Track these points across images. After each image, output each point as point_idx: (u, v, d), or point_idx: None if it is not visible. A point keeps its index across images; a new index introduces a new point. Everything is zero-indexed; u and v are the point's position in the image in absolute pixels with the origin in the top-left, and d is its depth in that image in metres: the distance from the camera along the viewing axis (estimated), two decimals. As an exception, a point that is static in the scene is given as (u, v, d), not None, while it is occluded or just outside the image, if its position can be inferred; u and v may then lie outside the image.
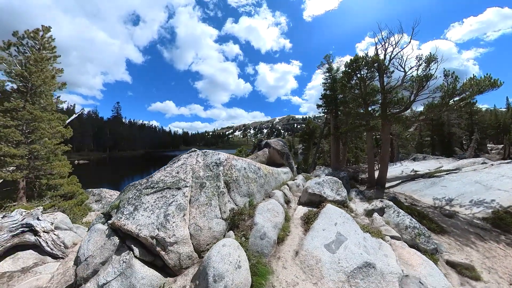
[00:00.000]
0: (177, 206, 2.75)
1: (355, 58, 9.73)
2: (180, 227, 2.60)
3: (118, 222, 2.71)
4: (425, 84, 9.50)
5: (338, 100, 18.60)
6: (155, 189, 3.03)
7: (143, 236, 2.51)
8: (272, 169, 4.83)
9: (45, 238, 4.40)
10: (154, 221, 2.61)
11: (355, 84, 10.48)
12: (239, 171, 3.81)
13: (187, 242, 2.60)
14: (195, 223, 2.73)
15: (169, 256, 2.45)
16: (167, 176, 3.31)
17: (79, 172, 34.00)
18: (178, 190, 2.99)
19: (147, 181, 3.27)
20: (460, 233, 5.94)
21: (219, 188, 3.26)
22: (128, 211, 2.83)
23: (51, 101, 7.61)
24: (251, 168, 4.15)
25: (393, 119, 8.85)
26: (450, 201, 8.50)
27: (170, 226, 2.58)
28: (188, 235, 2.65)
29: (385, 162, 10.79)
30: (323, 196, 4.37)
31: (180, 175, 3.29)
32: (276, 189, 4.59)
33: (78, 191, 8.22)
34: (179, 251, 2.52)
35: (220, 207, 3.08)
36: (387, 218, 4.07)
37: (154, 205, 2.81)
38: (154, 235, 2.50)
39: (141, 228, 2.57)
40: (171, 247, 2.49)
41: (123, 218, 2.75)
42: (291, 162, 8.59)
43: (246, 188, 3.73)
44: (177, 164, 3.61)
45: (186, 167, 3.50)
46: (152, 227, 2.57)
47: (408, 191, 10.56)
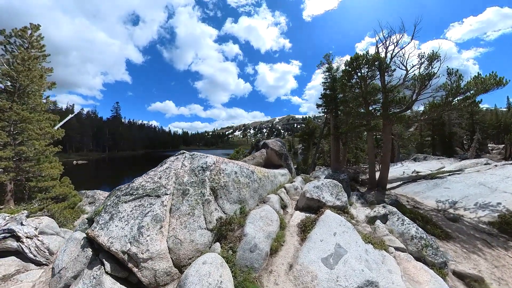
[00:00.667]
0: (153, 217, 2.46)
1: (356, 56, 9.43)
2: (155, 241, 2.31)
3: (92, 232, 2.45)
4: (428, 82, 9.20)
5: (338, 99, 18.31)
6: (134, 196, 2.75)
7: (114, 250, 2.23)
8: (268, 171, 4.54)
9: (28, 244, 4.17)
10: (127, 233, 2.32)
11: (356, 83, 10.19)
12: (228, 176, 3.51)
13: (164, 257, 2.32)
14: (175, 235, 2.44)
15: (142, 273, 2.17)
16: (149, 181, 3.03)
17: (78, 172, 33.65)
18: (157, 198, 2.71)
19: (128, 186, 2.98)
20: (466, 239, 5.65)
21: (204, 195, 2.97)
22: (103, 220, 2.55)
23: (40, 101, 7.33)
24: (244, 172, 3.85)
25: (394, 118, 8.55)
26: (454, 203, 8.21)
27: (144, 240, 2.29)
28: (166, 249, 2.36)
29: (386, 163, 10.50)
30: (321, 201, 4.09)
31: (162, 180, 3.01)
32: (272, 193, 4.29)
33: (70, 193, 7.96)
34: (154, 267, 2.24)
35: (205, 217, 2.79)
36: (391, 226, 3.78)
37: (130, 214, 2.53)
38: (125, 250, 2.23)
39: (113, 241, 2.29)
40: (145, 264, 2.21)
41: (97, 228, 2.48)
42: (290, 163, 8.31)
43: (236, 194, 3.45)
44: (162, 168, 3.34)
45: (170, 171, 3.21)
46: (124, 240, 2.29)
47: (410, 193, 10.27)
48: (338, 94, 18.38)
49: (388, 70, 9.23)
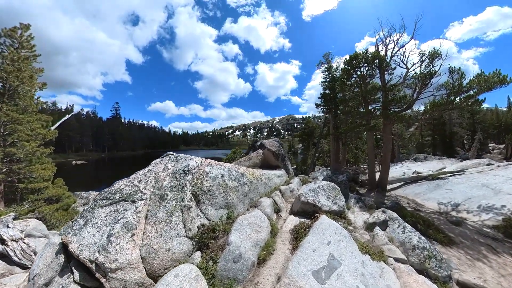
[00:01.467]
0: (124, 225, 2.25)
1: (355, 54, 9.19)
2: (125, 250, 2.11)
3: (65, 238, 2.26)
4: (429, 81, 8.96)
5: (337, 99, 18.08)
6: (111, 200, 2.55)
7: (83, 258, 2.04)
8: (261, 173, 4.29)
9: (13, 247, 4.03)
10: (97, 241, 2.12)
11: (355, 82, 9.95)
12: (213, 179, 3.26)
13: (136, 267, 2.11)
14: (149, 243, 2.23)
15: (111, 284, 1.97)
16: (128, 185, 2.83)
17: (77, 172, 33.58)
18: (132, 203, 2.50)
19: (107, 190, 2.78)
20: (470, 245, 5.40)
21: (183, 201, 2.74)
22: (78, 225, 2.36)
23: (30, 102, 7.13)
24: (232, 175, 3.60)
25: (395, 118, 8.29)
26: (456, 206, 7.96)
27: (112, 249, 2.09)
28: (138, 258, 2.15)
29: (386, 164, 10.25)
30: (317, 206, 3.84)
31: (141, 184, 2.80)
32: (265, 197, 4.05)
33: (64, 194, 7.76)
34: (124, 278, 2.04)
35: (184, 224, 2.57)
36: (391, 234, 3.53)
37: (103, 220, 2.32)
38: (93, 259, 2.04)
39: (83, 249, 2.09)
40: (113, 274, 2.02)
41: (70, 234, 2.28)
42: (287, 164, 8.07)
43: (223, 199, 3.22)
44: (144, 170, 3.13)
45: (150, 174, 3.01)
46: (93, 248, 2.09)
47: (411, 194, 10.01)
48: (337, 93, 18.14)
49: (388, 69, 8.98)
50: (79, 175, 28.51)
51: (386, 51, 9.56)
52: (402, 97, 8.13)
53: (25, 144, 6.97)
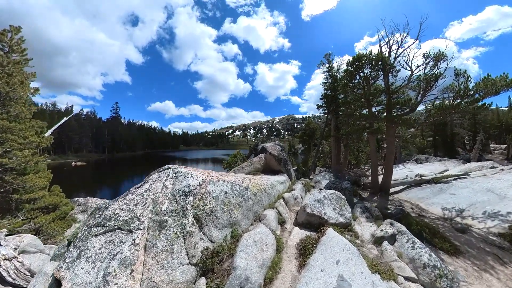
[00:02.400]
0: (121, 261, 2.06)
1: (358, 56, 9.02)
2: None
3: (58, 273, 2.09)
4: (433, 84, 8.81)
5: (339, 100, 17.92)
6: (105, 228, 2.36)
7: None
8: (264, 183, 4.12)
9: (7, 266, 3.85)
10: (93, 280, 1.94)
11: (358, 83, 9.79)
12: (216, 199, 3.03)
13: None
14: (150, 278, 2.05)
15: None
16: (123, 209, 2.62)
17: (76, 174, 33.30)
18: (129, 233, 2.30)
19: (102, 214, 2.59)
20: (476, 254, 5.27)
21: (185, 227, 2.52)
22: (71, 257, 2.18)
23: (22, 108, 6.87)
24: (235, 190, 3.37)
25: (399, 121, 8.14)
26: (461, 212, 7.83)
27: None
28: None
29: (389, 167, 10.11)
30: (323, 218, 3.70)
31: (137, 209, 2.59)
32: (269, 208, 3.90)
33: (61, 202, 7.56)
34: None
35: (187, 251, 2.38)
36: (400, 249, 3.40)
37: (98, 253, 2.13)
38: None
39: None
40: None
41: (63, 268, 2.12)
42: (289, 169, 7.92)
43: (227, 217, 3.02)
44: (141, 190, 2.94)
45: (148, 196, 2.78)
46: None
47: (414, 199, 9.88)
48: (339, 94, 17.98)
49: (392, 71, 8.82)
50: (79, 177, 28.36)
51: (390, 52, 9.40)
52: (407, 100, 7.97)
53: (17, 153, 6.66)
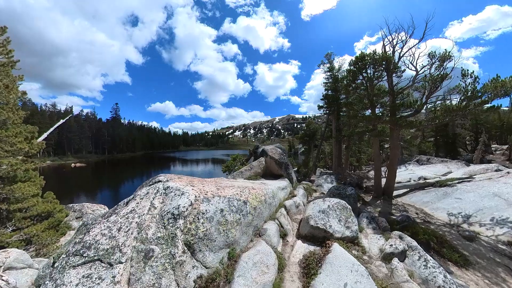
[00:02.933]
0: None
1: (361, 55, 8.75)
2: None
3: None
4: (439, 84, 8.55)
5: (340, 101, 17.66)
6: (84, 259, 2.06)
7: None
8: (265, 193, 3.82)
9: None
10: None
11: (361, 84, 9.52)
12: (211, 219, 2.66)
13: None
14: None
15: None
16: (105, 234, 2.29)
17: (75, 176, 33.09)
18: (109, 268, 1.99)
19: (82, 239, 2.27)
20: (487, 265, 5.02)
21: (175, 257, 2.19)
22: None
23: (9, 114, 6.50)
24: (233, 206, 2.99)
25: (404, 123, 7.87)
26: (468, 218, 7.57)
27: None
28: None
29: (393, 170, 9.84)
30: (328, 232, 3.44)
31: (120, 235, 2.25)
32: (269, 220, 3.63)
33: (55, 209, 7.26)
34: None
35: (178, 283, 2.10)
36: (411, 267, 3.14)
37: None
38: None
39: None
40: None
41: None
42: (291, 173, 7.67)
43: (223, 238, 2.69)
44: (126, 209, 2.60)
45: (133, 218, 2.45)
46: None
47: (418, 203, 9.62)
48: (340, 95, 17.73)
49: (397, 71, 8.55)
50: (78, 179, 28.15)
51: (394, 52, 9.14)
52: (413, 102, 7.70)
53: (3, 162, 6.29)
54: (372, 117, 8.02)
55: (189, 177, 3.74)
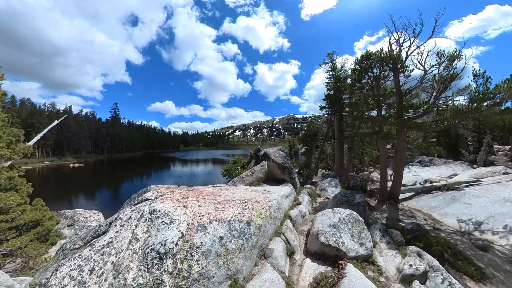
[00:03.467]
0: None
1: (367, 54, 8.39)
2: None
3: None
4: (449, 85, 8.20)
5: (343, 101, 17.30)
6: None
7: None
8: (270, 206, 3.36)
9: None
10: None
11: (366, 83, 9.16)
12: (207, 254, 2.16)
13: None
14: None
15: None
16: (74, 278, 1.85)
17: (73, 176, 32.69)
18: None
19: (47, 281, 1.89)
20: (504, 279, 4.67)
21: None
22: None
23: None
24: (235, 231, 2.49)
25: (414, 125, 7.50)
26: (479, 225, 7.22)
27: None
28: None
29: (399, 174, 9.50)
30: (341, 250, 3.06)
31: (91, 281, 1.81)
32: (275, 237, 3.27)
33: (44, 216, 6.83)
34: None
35: None
36: (435, 292, 2.80)
37: None
38: None
39: None
40: None
41: None
42: (294, 177, 7.32)
43: (224, 271, 2.24)
44: (103, 241, 2.16)
45: (109, 255, 1.99)
46: None
47: (426, 208, 9.27)
48: (343, 95, 17.37)
49: (405, 70, 8.18)
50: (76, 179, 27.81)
51: (400, 50, 8.78)
52: (422, 103, 7.34)
53: None
54: (380, 118, 7.65)
55: (183, 190, 3.26)
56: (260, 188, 5.06)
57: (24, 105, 53.88)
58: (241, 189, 4.38)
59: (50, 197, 17.23)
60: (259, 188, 5.18)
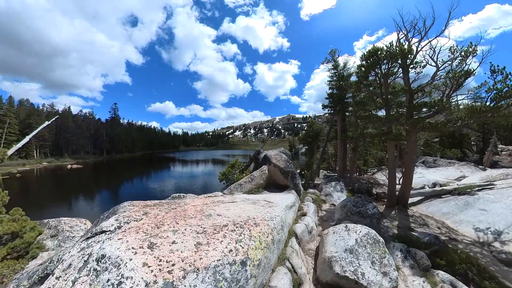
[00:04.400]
0: None
1: (374, 49, 7.79)
2: None
3: None
4: (463, 82, 7.60)
5: (346, 100, 16.71)
6: None
7: None
8: (272, 228, 2.71)
9: None
10: None
11: (373, 81, 8.56)
12: None
13: None
14: None
15: None
16: None
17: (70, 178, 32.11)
18: None
19: None
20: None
21: None
22: None
23: None
24: (223, 281, 1.72)
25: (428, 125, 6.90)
26: (499, 234, 6.63)
27: None
28: None
29: (409, 177, 8.90)
30: (361, 284, 2.40)
31: None
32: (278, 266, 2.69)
33: (24, 227, 6.19)
34: None
35: None
36: None
37: None
38: None
39: None
40: None
41: None
42: (298, 184, 6.71)
43: None
44: None
45: None
46: None
47: (438, 214, 8.67)
48: (346, 94, 16.78)
49: (416, 67, 7.58)
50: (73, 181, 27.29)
51: (410, 45, 8.18)
52: (437, 101, 6.75)
53: None
54: (391, 118, 7.04)
55: (163, 210, 2.56)
56: (260, 198, 4.48)
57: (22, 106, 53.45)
58: (238, 200, 3.80)
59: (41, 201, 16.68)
60: (259, 197, 4.59)
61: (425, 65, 7.67)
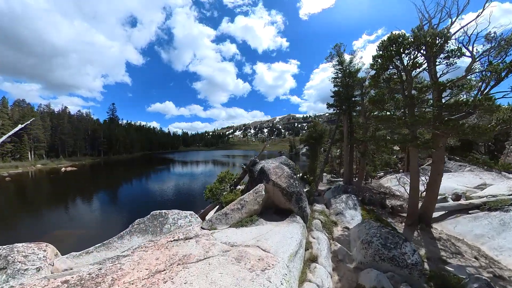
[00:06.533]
0: None
1: (395, 36, 6.34)
2: None
3: None
4: (505, 76, 6.14)
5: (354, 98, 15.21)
6: None
7: None
8: None
9: None
10: None
11: (392, 74, 7.11)
12: None
13: None
14: None
15: None
16: None
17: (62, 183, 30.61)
18: None
19: None
20: None
21: None
22: None
23: None
24: None
25: (468, 129, 5.43)
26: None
27: None
28: None
29: (434, 191, 7.47)
30: None
31: None
32: None
33: None
34: None
35: None
36: None
37: None
38: None
39: None
40: None
41: None
42: (304, 206, 5.08)
43: None
44: None
45: None
46: None
47: (469, 236, 7.20)
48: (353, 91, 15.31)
49: (451, 56, 6.10)
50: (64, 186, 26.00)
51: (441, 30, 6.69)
52: (481, 100, 5.28)
53: None
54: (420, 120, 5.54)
55: None
56: (251, 242, 3.08)
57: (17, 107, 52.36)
58: (216, 249, 2.42)
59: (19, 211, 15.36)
60: (249, 240, 3.18)
61: (461, 55, 6.18)
